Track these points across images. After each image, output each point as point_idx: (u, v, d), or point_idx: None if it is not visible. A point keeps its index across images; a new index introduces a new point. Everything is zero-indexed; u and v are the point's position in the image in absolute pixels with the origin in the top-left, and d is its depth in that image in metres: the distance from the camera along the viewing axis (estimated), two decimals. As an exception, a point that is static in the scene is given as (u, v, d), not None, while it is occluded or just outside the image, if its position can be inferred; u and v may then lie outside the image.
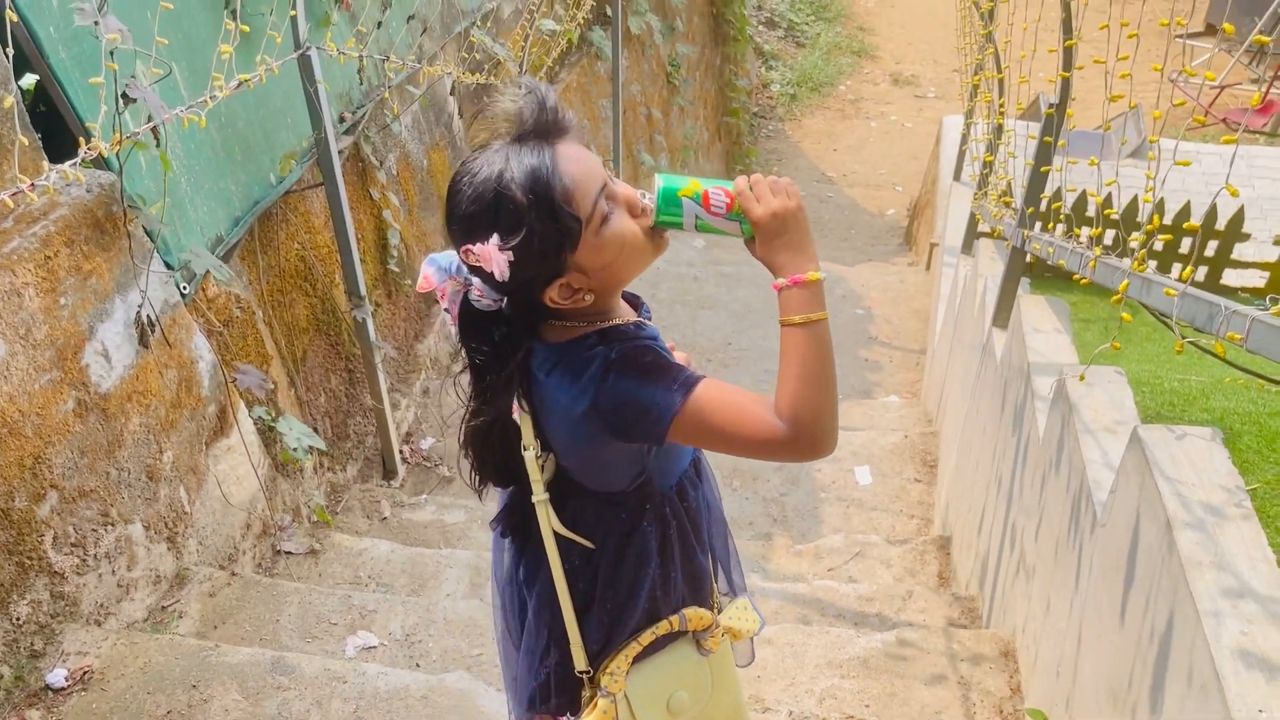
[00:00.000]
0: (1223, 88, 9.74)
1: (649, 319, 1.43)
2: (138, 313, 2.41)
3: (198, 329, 2.74)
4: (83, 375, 2.26)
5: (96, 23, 1.95)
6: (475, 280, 1.27)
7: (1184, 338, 1.53)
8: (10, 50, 1.69)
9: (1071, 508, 2.12)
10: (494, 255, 1.18)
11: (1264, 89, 9.37)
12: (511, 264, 1.19)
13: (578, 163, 1.21)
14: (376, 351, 3.59)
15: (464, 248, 1.21)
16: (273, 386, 3.15)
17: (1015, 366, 2.86)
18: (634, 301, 1.45)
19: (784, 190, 1.29)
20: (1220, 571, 1.43)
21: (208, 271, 2.72)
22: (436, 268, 1.31)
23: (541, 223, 1.18)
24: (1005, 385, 3.00)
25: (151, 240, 2.53)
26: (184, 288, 2.67)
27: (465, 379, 1.40)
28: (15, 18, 2.10)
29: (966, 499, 3.39)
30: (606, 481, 1.39)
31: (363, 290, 3.45)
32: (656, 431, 1.24)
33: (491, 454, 1.43)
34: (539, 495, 1.40)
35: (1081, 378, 2.16)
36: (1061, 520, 2.19)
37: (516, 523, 1.51)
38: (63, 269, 2.20)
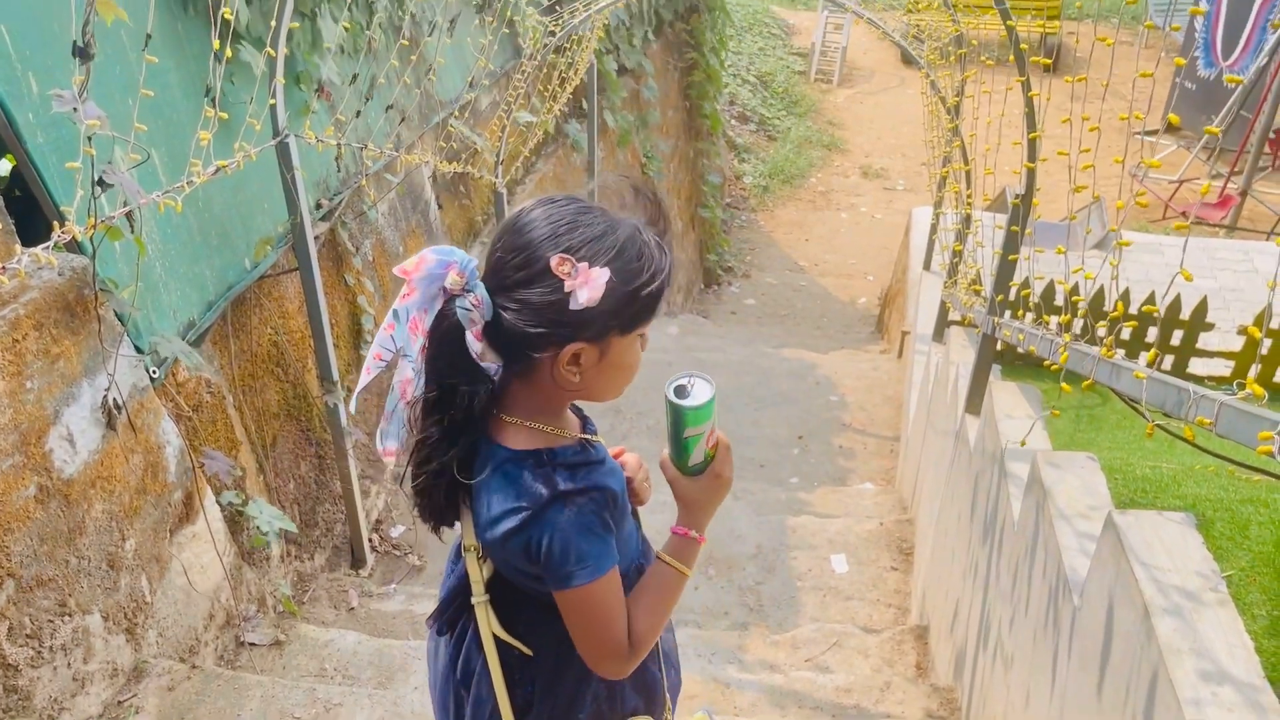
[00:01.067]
0: (1181, 182, 10.02)
1: (594, 433, 1.42)
2: (104, 397, 2.38)
3: (166, 414, 2.70)
4: (46, 460, 2.22)
5: (75, 109, 1.96)
6: (479, 290, 1.23)
7: (1154, 422, 1.54)
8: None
9: (1048, 595, 2.10)
10: (598, 281, 1.18)
11: (1222, 184, 9.65)
12: (600, 298, 1.19)
13: None
14: (348, 437, 3.56)
15: (564, 256, 1.19)
16: (241, 473, 3.11)
17: (988, 453, 2.87)
18: (581, 419, 1.44)
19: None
20: (1199, 658, 1.42)
21: (176, 358, 2.70)
22: (438, 255, 1.24)
23: (645, 290, 1.24)
24: (979, 471, 3.00)
25: (122, 324, 2.51)
26: (154, 372, 2.65)
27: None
28: (-7, 103, 2.11)
29: (943, 587, 3.37)
30: (541, 588, 1.34)
31: (335, 375, 3.43)
32: (551, 586, 1.29)
33: (437, 501, 1.38)
34: (478, 596, 1.38)
35: (1052, 450, 2.16)
36: (1039, 608, 2.17)
37: (454, 619, 1.48)
38: (30, 352, 2.17)
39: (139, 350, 2.61)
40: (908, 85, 16.11)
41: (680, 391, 1.33)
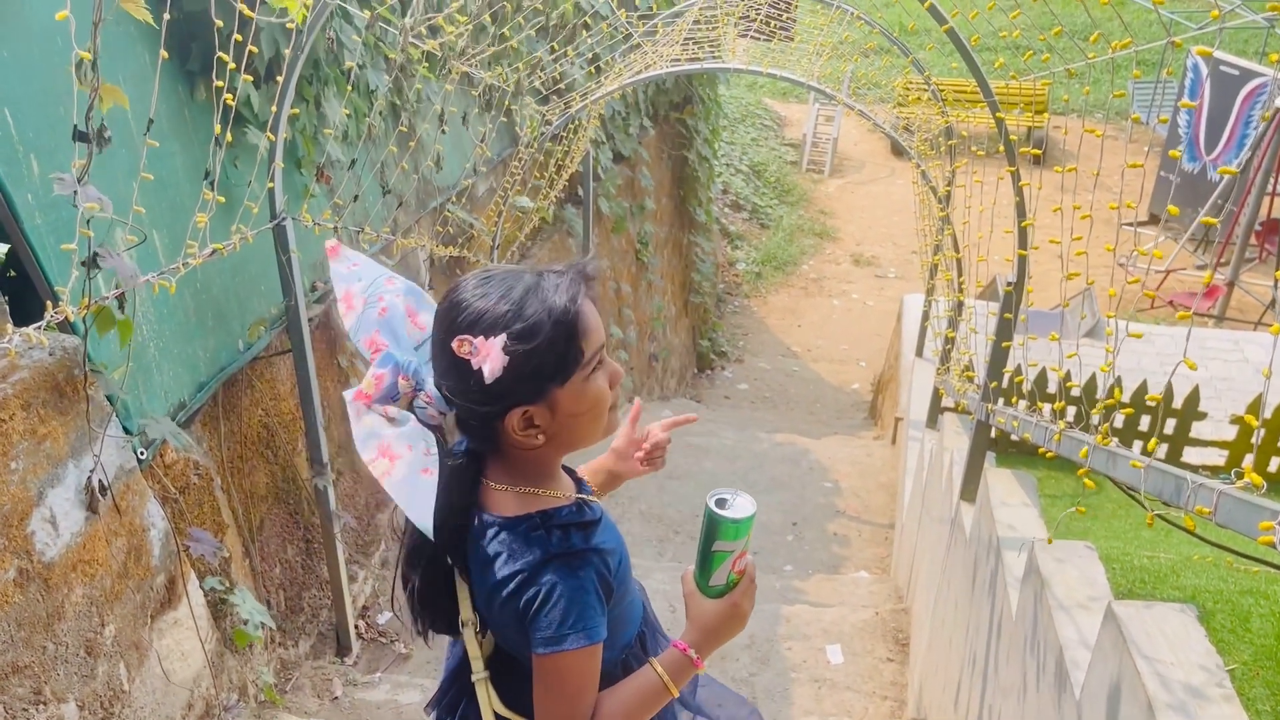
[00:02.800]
0: (1169, 272, 10.14)
1: (591, 494, 1.42)
2: (90, 479, 2.35)
3: (151, 496, 2.67)
4: (27, 543, 2.18)
5: (75, 192, 1.98)
6: (428, 387, 1.27)
7: (1153, 511, 1.52)
8: (-15, 214, 1.70)
9: (1049, 687, 2.06)
10: (495, 352, 1.18)
11: (1209, 273, 9.77)
12: (505, 369, 1.19)
13: (595, 315, 1.27)
14: (336, 521, 3.51)
15: (461, 337, 1.20)
16: (227, 555, 3.05)
17: (985, 541, 2.84)
18: (576, 480, 1.45)
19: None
20: (1207, 757, 1.38)
21: (165, 439, 2.67)
22: (393, 365, 1.28)
23: (554, 341, 1.21)
24: (975, 560, 2.96)
25: (111, 405, 2.49)
26: (141, 453, 2.62)
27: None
28: (-7, 184, 2.13)
29: (940, 679, 3.30)
30: None
31: (325, 458, 3.40)
32: (538, 648, 1.25)
33: (432, 596, 1.39)
34: (478, 673, 1.37)
35: (1050, 540, 2.14)
36: (1040, 700, 2.12)
37: (454, 703, 1.44)
38: (17, 432, 2.15)
39: (127, 431, 2.58)
40: (898, 176, 16.41)
41: (721, 503, 1.36)
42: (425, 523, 1.24)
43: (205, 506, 2.99)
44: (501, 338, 1.19)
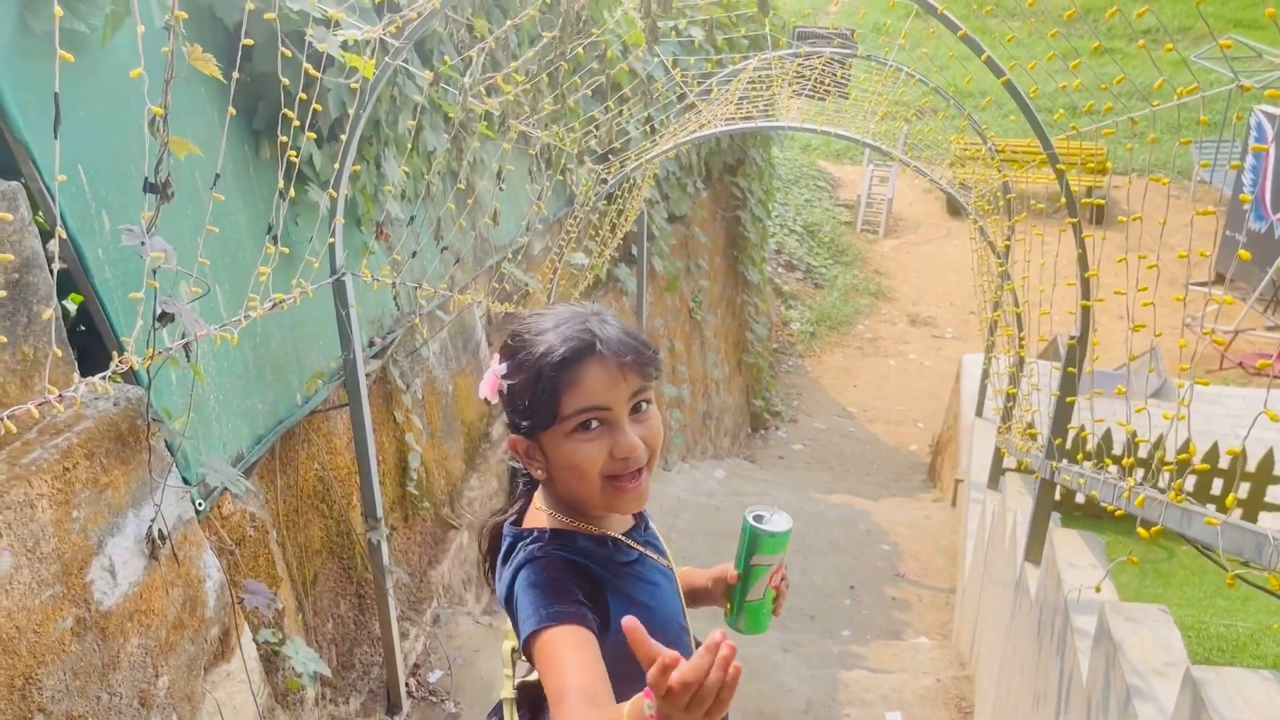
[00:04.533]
0: (1238, 332, 9.89)
1: (647, 542, 1.41)
2: (149, 528, 2.37)
3: (208, 547, 2.68)
4: (86, 592, 2.20)
5: (142, 243, 2.02)
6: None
7: (1233, 571, 1.45)
8: (56, 266, 1.74)
9: (1124, 759, 1.96)
10: (490, 374, 1.27)
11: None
12: (500, 394, 1.29)
13: (601, 378, 1.23)
14: (389, 576, 3.50)
15: (496, 354, 1.31)
16: (281, 608, 3.06)
17: (1051, 604, 2.74)
18: (644, 524, 1.45)
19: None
20: (1300, 834, 1.30)
21: (225, 488, 2.70)
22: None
23: (533, 388, 1.24)
24: (1041, 623, 2.86)
25: (172, 454, 2.52)
26: (199, 504, 2.64)
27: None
28: (64, 235, 2.19)
29: (1007, 749, 3.18)
30: None
31: (379, 513, 3.41)
32: (521, 641, 1.23)
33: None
34: (507, 691, 1.41)
35: (1133, 559, 2.05)
36: (1114, 774, 2.03)
37: None
38: (80, 481, 2.18)
39: (186, 481, 2.61)
40: (954, 236, 16.32)
41: (759, 519, 1.37)
42: None
43: (260, 559, 3.00)
44: (502, 366, 1.27)
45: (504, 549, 1.35)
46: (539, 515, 1.35)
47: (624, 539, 1.36)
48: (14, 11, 2.13)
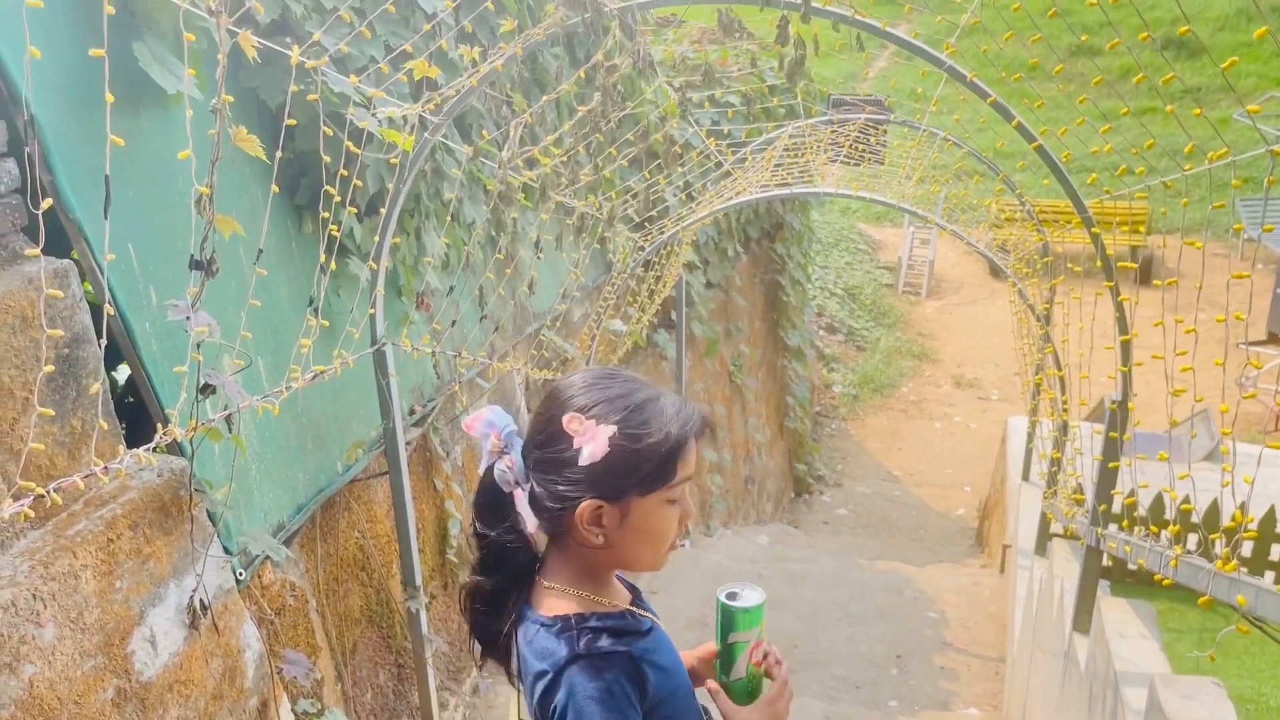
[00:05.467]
0: (1292, 391, 9.67)
1: (643, 609, 1.41)
2: (190, 598, 2.40)
3: (249, 616, 2.70)
4: (127, 662, 2.22)
5: (188, 318, 2.08)
6: (513, 452, 1.33)
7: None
8: (104, 341, 1.79)
9: (1180, 841, 1.89)
10: (602, 437, 1.24)
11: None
12: (604, 458, 1.24)
13: (696, 455, 1.33)
14: (428, 646, 3.49)
15: (574, 414, 1.26)
16: (320, 678, 3.05)
17: (1101, 676, 2.66)
18: (632, 591, 1.45)
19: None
20: None
21: (265, 558, 2.72)
22: (490, 420, 1.37)
23: (657, 452, 1.26)
24: (1091, 696, 2.78)
25: (213, 524, 2.55)
26: (240, 573, 2.66)
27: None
28: (112, 311, 2.25)
29: (1061, 828, 3.07)
30: None
31: (419, 581, 3.41)
32: None
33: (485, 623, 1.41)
34: None
35: (1212, 657, 1.99)
36: None
37: None
38: (123, 552, 2.21)
39: (227, 551, 2.64)
40: (997, 297, 16.20)
41: (732, 596, 1.41)
42: None
43: (300, 628, 3.01)
44: (613, 428, 1.25)
45: (529, 636, 1.32)
46: (558, 598, 1.34)
47: (636, 610, 1.38)
48: (69, 97, 2.22)
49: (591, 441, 1.24)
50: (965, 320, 16.14)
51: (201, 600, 2.42)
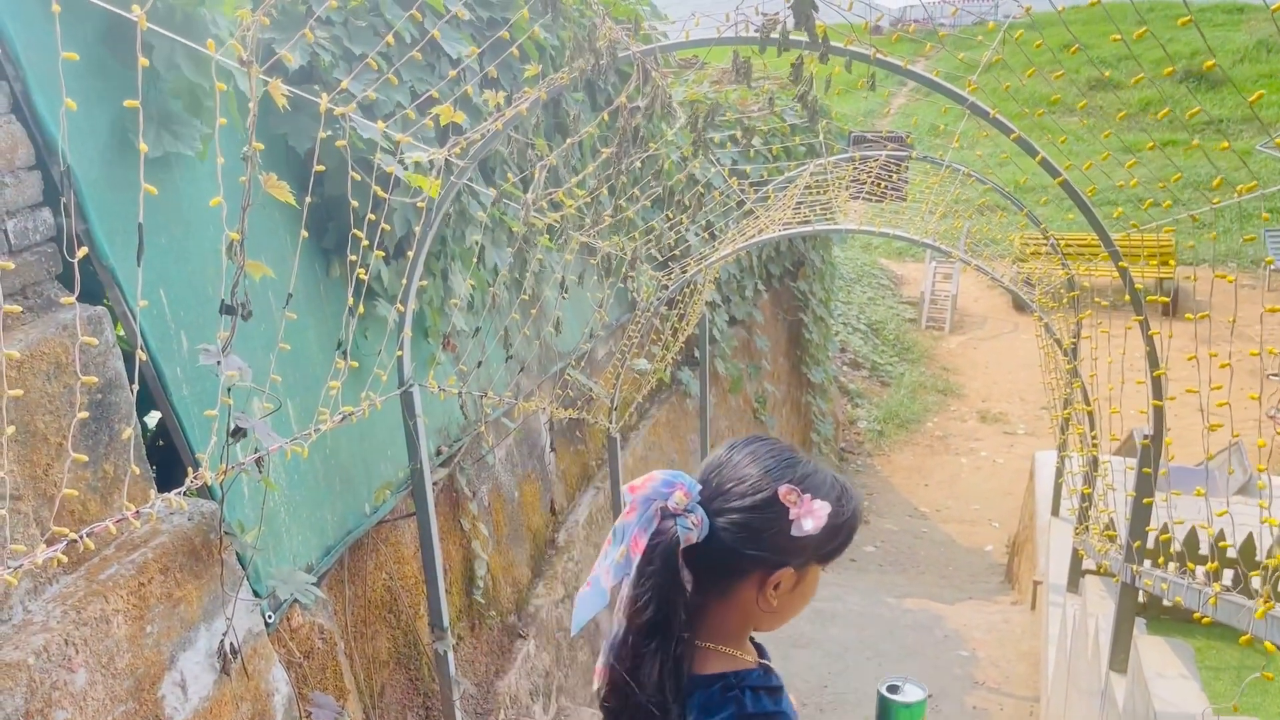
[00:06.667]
0: (1325, 423, 9.53)
1: (769, 660, 1.47)
2: (220, 642, 2.40)
3: (277, 660, 2.69)
4: (158, 707, 2.22)
5: (218, 362, 2.10)
6: (700, 511, 1.34)
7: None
8: (136, 387, 1.81)
9: None
10: (821, 513, 1.31)
11: (1369, 424, 9.15)
12: (819, 529, 1.32)
13: None
14: (455, 688, 3.47)
15: (791, 487, 1.32)
16: (347, 723, 3.04)
17: (1141, 716, 2.61)
18: (756, 646, 1.49)
19: None
20: None
21: (294, 600, 2.72)
22: (665, 478, 1.37)
23: (848, 531, 1.37)
24: (1132, 738, 2.73)
25: (243, 567, 2.56)
26: (269, 616, 2.66)
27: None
28: (145, 357, 2.27)
29: None
30: None
31: (446, 622, 3.40)
32: None
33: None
34: None
35: (1235, 708, 1.95)
36: None
37: None
38: (154, 596, 2.22)
39: (257, 594, 2.64)
40: (1022, 331, 16.10)
41: (893, 689, 1.51)
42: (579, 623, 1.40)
43: (328, 671, 3.01)
44: (828, 505, 1.32)
45: (694, 696, 1.35)
46: (716, 657, 1.39)
47: (769, 664, 1.44)
48: (102, 146, 2.26)
49: (810, 515, 1.31)
50: (989, 355, 16.05)
51: (232, 644, 2.42)
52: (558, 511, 5.38)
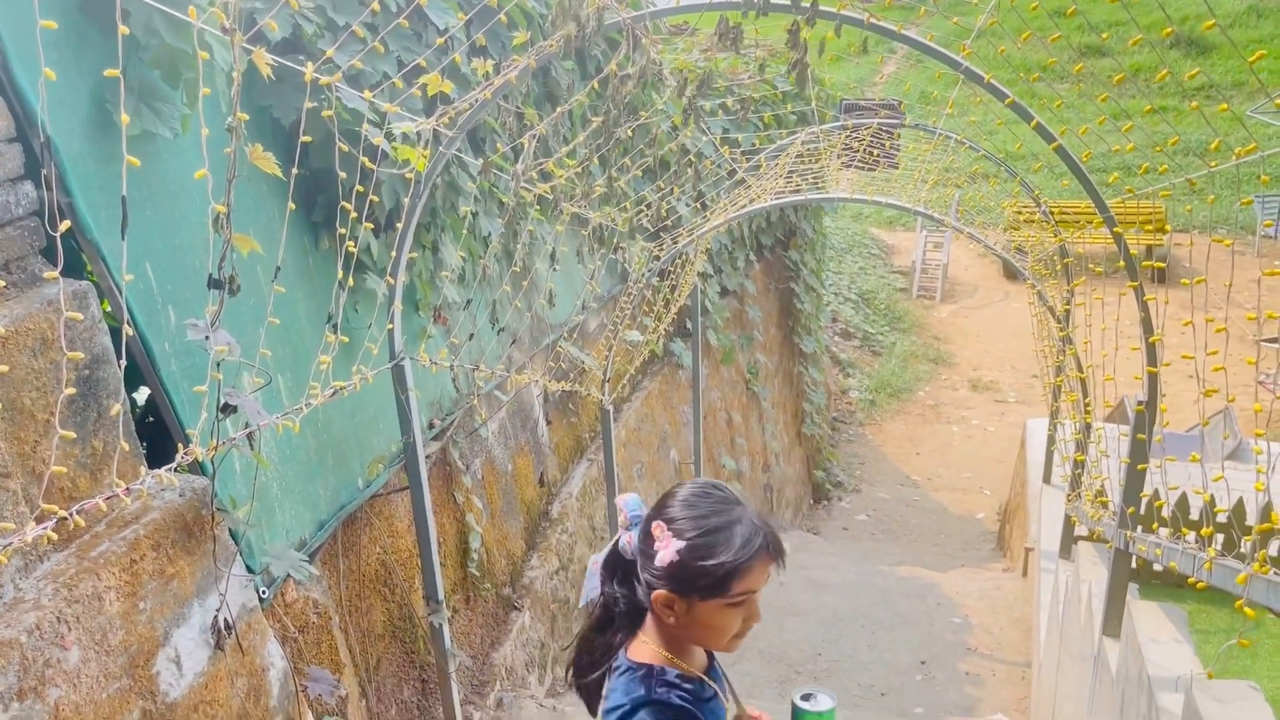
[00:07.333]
0: (1314, 388, 9.57)
1: (717, 678, 1.67)
2: (215, 618, 2.39)
3: (272, 635, 2.69)
4: (152, 684, 2.21)
5: (207, 337, 2.07)
6: (632, 532, 1.61)
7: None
8: (124, 362, 1.79)
9: None
10: (670, 549, 1.51)
11: (1358, 389, 9.20)
12: (670, 563, 1.51)
13: (763, 571, 1.54)
14: (451, 660, 3.48)
15: (659, 523, 1.53)
16: (344, 694, 3.04)
17: (1135, 680, 2.63)
18: (711, 663, 1.69)
19: None
20: None
21: (288, 575, 2.71)
22: (627, 499, 1.68)
23: (715, 572, 1.49)
24: (1124, 701, 2.74)
25: (236, 543, 2.55)
26: (263, 592, 2.66)
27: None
28: (131, 332, 2.25)
29: (1095, 836, 3.02)
30: None
31: (440, 595, 3.39)
32: None
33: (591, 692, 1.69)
34: None
35: (1210, 674, 1.96)
36: None
37: None
38: (146, 573, 2.21)
39: (250, 570, 2.63)
40: (1012, 299, 16.12)
41: (806, 698, 1.63)
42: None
43: (323, 645, 3.00)
44: (683, 543, 1.50)
45: (619, 670, 1.59)
46: (648, 649, 1.60)
47: (707, 680, 1.60)
48: (84, 119, 2.22)
49: (665, 549, 1.50)
50: (980, 323, 16.07)
51: (225, 619, 2.41)
52: (551, 484, 5.38)
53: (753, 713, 1.74)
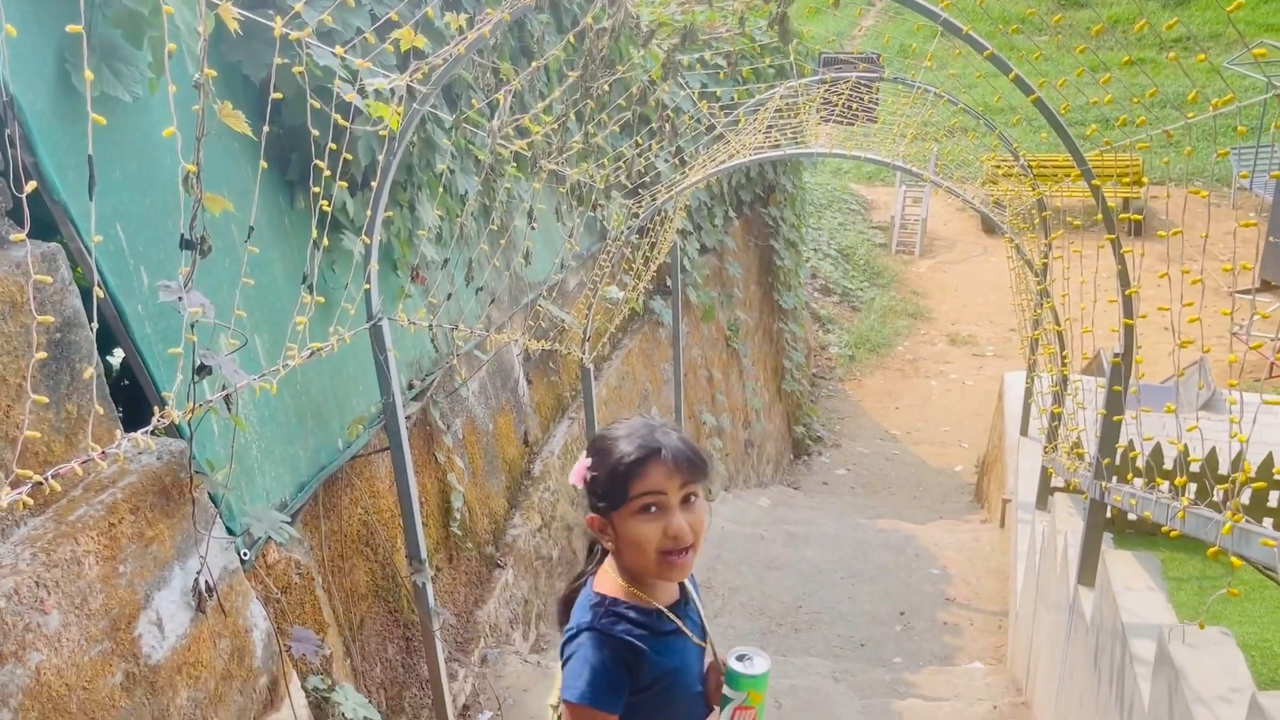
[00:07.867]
0: (1287, 339, 9.68)
1: (686, 615, 1.72)
2: (196, 580, 2.39)
3: (254, 596, 2.69)
4: (134, 646, 2.21)
5: (180, 298, 2.05)
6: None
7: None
8: (95, 325, 1.77)
9: (1192, 790, 1.90)
10: (580, 466, 1.65)
11: (1331, 339, 9.31)
12: (584, 481, 1.65)
13: (660, 474, 1.59)
14: (435, 618, 3.50)
15: (585, 454, 1.67)
16: (328, 654, 3.06)
17: (1108, 628, 2.67)
18: (683, 598, 1.75)
19: None
20: None
21: (269, 537, 2.71)
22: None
23: (610, 478, 1.61)
24: (1099, 648, 2.79)
25: (215, 505, 2.54)
26: (244, 554, 2.66)
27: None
28: (103, 294, 2.22)
29: (1069, 779, 3.09)
30: None
31: (423, 554, 3.40)
32: (561, 695, 1.60)
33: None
34: (554, 698, 1.73)
35: (1186, 624, 1.99)
36: (1182, 805, 1.96)
37: None
38: (125, 536, 2.20)
39: (231, 532, 2.63)
40: (990, 254, 16.17)
41: (741, 658, 1.65)
42: None
43: (306, 606, 3.01)
44: (587, 460, 1.64)
45: (579, 602, 1.68)
46: (609, 579, 1.69)
47: (667, 612, 1.66)
48: (49, 78, 2.18)
49: (576, 471, 1.65)
50: (959, 278, 16.13)
51: (206, 582, 2.41)
52: (533, 443, 5.39)
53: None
